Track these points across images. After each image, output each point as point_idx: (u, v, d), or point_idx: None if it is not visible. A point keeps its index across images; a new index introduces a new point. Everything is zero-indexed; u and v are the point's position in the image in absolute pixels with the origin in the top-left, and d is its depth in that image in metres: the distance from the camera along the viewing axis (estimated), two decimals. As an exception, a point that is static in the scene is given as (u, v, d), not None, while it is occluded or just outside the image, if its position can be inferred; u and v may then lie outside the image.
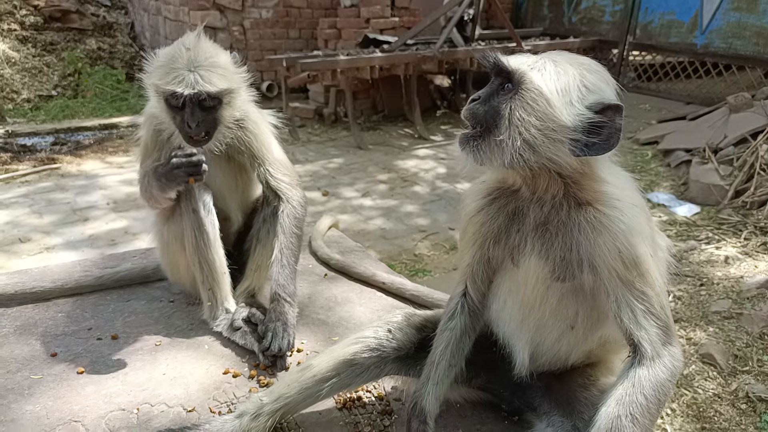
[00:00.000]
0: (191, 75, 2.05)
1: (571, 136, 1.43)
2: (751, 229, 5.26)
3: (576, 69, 1.47)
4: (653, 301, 1.54)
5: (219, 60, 2.14)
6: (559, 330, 1.75)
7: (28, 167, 6.97)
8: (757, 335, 3.80)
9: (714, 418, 3.20)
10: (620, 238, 1.49)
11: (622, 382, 1.56)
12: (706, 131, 7.02)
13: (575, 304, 1.68)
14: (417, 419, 1.77)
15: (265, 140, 2.38)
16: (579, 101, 1.43)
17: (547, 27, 11.84)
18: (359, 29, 9.42)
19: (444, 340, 1.85)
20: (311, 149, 8.01)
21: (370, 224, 5.76)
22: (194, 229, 2.26)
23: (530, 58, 1.53)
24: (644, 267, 1.52)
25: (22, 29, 10.22)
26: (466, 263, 1.82)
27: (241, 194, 2.52)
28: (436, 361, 1.83)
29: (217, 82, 2.09)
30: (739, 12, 8.90)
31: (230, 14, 9.50)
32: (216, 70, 2.10)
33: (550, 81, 1.45)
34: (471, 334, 1.90)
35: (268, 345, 2.15)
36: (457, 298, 1.89)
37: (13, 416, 1.88)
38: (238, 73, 2.24)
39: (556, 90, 1.44)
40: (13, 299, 2.49)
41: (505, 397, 1.99)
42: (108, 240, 5.19)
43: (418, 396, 1.80)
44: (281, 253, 2.35)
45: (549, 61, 1.50)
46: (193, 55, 2.07)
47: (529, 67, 1.49)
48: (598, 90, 1.46)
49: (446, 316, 1.90)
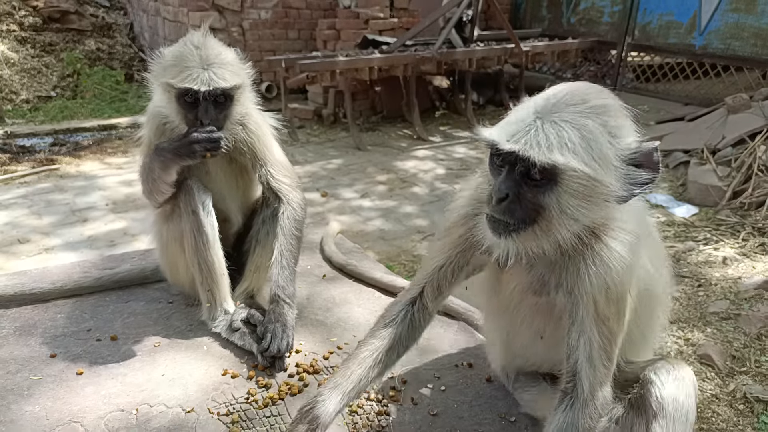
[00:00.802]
0: (205, 72, 2.08)
1: (617, 192, 1.35)
2: (749, 230, 5.27)
3: (594, 119, 1.33)
4: (613, 339, 1.51)
5: (228, 57, 2.19)
6: (529, 337, 1.76)
7: (27, 168, 6.97)
8: (754, 336, 3.81)
9: (712, 419, 3.21)
10: (612, 273, 1.44)
11: (550, 429, 1.56)
12: (705, 132, 7.03)
13: (545, 318, 1.68)
14: (307, 425, 1.59)
15: (267, 141, 2.39)
16: (617, 158, 1.34)
17: (546, 28, 11.85)
18: (358, 30, 9.42)
19: (369, 349, 1.74)
20: (310, 150, 8.02)
21: (369, 225, 5.76)
22: (193, 230, 2.27)
23: (546, 133, 1.31)
24: (624, 305, 1.50)
25: (21, 30, 10.22)
26: (436, 265, 1.74)
27: (241, 195, 2.53)
28: (352, 370, 1.70)
29: (230, 78, 2.14)
30: (738, 13, 8.92)
31: (229, 15, 9.51)
32: (227, 67, 2.15)
33: (585, 155, 1.30)
34: (401, 349, 1.80)
35: (267, 346, 2.16)
36: (401, 305, 1.81)
37: (13, 417, 1.89)
38: (245, 69, 2.28)
39: (594, 162, 1.31)
40: (12, 300, 2.50)
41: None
42: (107, 241, 5.20)
43: (317, 401, 1.63)
44: (281, 255, 2.36)
45: (566, 126, 1.31)
46: (204, 53, 2.11)
47: (560, 152, 1.29)
48: (624, 133, 1.38)
49: (382, 322, 1.80)
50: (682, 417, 1.57)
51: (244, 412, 1.97)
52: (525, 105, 1.40)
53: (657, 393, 1.60)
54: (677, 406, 1.58)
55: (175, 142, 2.15)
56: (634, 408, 1.65)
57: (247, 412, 1.97)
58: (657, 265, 1.68)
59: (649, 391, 1.60)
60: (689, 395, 1.59)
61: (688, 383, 1.61)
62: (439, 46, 8.44)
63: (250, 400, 2.03)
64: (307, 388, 2.10)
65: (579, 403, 1.54)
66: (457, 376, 2.20)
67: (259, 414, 1.97)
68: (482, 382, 2.17)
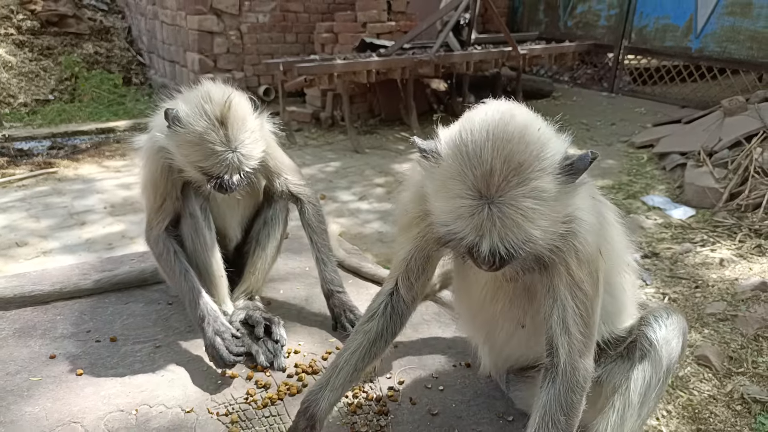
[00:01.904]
0: (233, 156, 2.02)
1: (571, 204, 1.40)
2: (745, 232, 5.29)
3: (533, 175, 1.30)
4: (589, 304, 1.51)
5: (250, 123, 2.09)
6: (510, 329, 1.76)
7: (25, 171, 6.97)
8: (751, 337, 3.82)
9: (709, 420, 3.22)
10: (580, 235, 1.45)
11: (536, 410, 1.56)
12: (701, 134, 7.06)
13: (523, 304, 1.68)
14: (306, 422, 1.73)
15: (276, 153, 2.39)
16: (554, 180, 1.33)
17: (543, 31, 11.90)
18: (356, 33, 9.45)
19: (355, 344, 1.81)
20: (308, 153, 8.03)
21: (367, 227, 5.77)
22: (191, 233, 2.28)
23: (504, 225, 1.30)
24: (595, 265, 1.50)
25: (19, 34, 10.23)
26: (401, 257, 1.76)
27: (242, 212, 2.53)
28: (341, 365, 1.78)
29: (257, 152, 2.09)
30: (733, 16, 8.97)
31: (227, 18, 9.53)
32: (253, 140, 2.07)
33: (542, 218, 1.32)
34: (389, 338, 1.85)
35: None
36: (382, 297, 1.84)
37: (13, 417, 1.89)
38: (265, 121, 2.23)
39: (549, 213, 1.32)
40: (12, 302, 2.50)
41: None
42: (105, 244, 5.20)
43: (312, 400, 1.75)
44: (320, 252, 2.45)
45: (517, 205, 1.29)
46: (229, 133, 2.01)
47: (524, 243, 1.33)
48: (554, 152, 1.35)
49: (365, 317, 1.85)
50: (666, 361, 1.67)
51: (243, 413, 1.98)
52: (456, 166, 1.33)
53: (651, 334, 1.67)
54: (669, 350, 1.67)
55: (206, 323, 2.15)
56: (620, 357, 1.73)
57: (246, 413, 1.98)
58: (613, 226, 1.71)
59: (643, 333, 1.68)
60: (679, 343, 1.70)
61: (680, 330, 1.71)
62: (437, 50, 8.47)
63: (249, 400, 2.03)
64: (306, 389, 2.10)
65: (559, 377, 1.54)
66: (456, 376, 2.21)
67: (258, 414, 1.98)
68: (480, 381, 2.18)
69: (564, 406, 1.53)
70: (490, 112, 1.40)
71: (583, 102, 10.43)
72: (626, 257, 1.81)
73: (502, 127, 1.33)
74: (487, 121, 1.35)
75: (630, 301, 1.85)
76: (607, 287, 1.68)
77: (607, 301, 1.70)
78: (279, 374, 2.18)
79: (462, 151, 1.32)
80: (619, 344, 1.77)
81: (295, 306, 2.65)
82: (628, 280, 1.82)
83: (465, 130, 1.36)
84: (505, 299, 1.69)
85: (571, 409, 1.54)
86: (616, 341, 1.79)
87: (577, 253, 1.46)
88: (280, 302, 2.67)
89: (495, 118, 1.36)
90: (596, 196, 1.62)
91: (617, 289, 1.76)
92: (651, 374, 1.67)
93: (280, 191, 2.43)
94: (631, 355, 1.72)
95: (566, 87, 11.62)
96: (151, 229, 2.28)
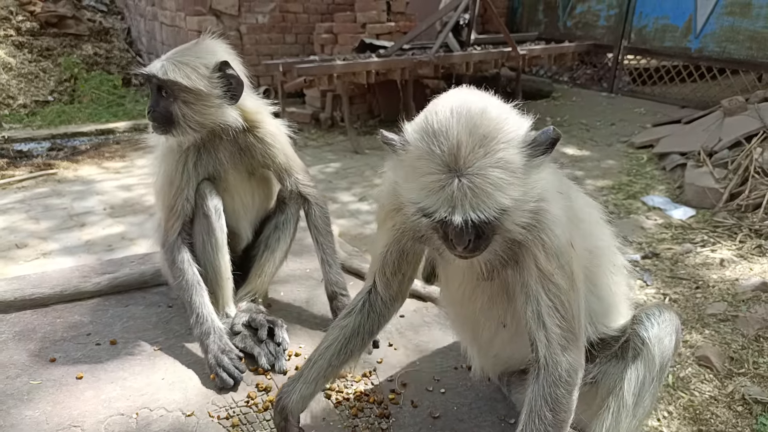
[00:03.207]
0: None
1: (536, 181, 1.42)
2: (746, 232, 5.29)
3: (499, 148, 1.35)
4: (564, 297, 1.49)
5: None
6: (492, 328, 1.75)
7: (24, 173, 6.97)
8: (752, 337, 3.82)
9: (710, 421, 3.22)
10: (545, 228, 1.46)
11: (524, 408, 1.56)
12: (701, 135, 7.06)
13: (502, 303, 1.67)
14: (279, 415, 1.77)
15: (288, 150, 2.40)
16: (523, 157, 1.37)
17: (543, 32, 11.90)
18: (355, 34, 9.45)
19: (330, 339, 1.83)
20: (308, 154, 8.02)
21: (366, 228, 5.77)
22: (203, 233, 2.27)
23: (474, 193, 1.33)
24: (566, 258, 1.49)
25: (19, 35, 10.22)
26: (377, 252, 1.77)
27: (255, 211, 2.53)
28: (314, 359, 1.81)
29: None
30: (733, 16, 8.98)
31: (227, 19, 9.53)
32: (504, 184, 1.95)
33: (509, 187, 1.35)
34: (365, 336, 1.86)
35: None
36: (360, 294, 1.85)
37: (13, 421, 1.88)
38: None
39: (517, 182, 1.36)
40: (12, 305, 2.49)
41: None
42: (105, 245, 5.19)
43: (284, 392, 1.78)
44: (325, 254, 2.46)
45: (486, 174, 1.34)
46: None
47: (493, 208, 1.35)
48: (515, 125, 1.40)
49: (343, 313, 1.87)
50: (659, 359, 1.66)
51: (244, 416, 1.97)
52: (423, 146, 1.38)
53: (643, 333, 1.66)
54: (662, 348, 1.66)
55: (212, 355, 2.11)
56: (615, 357, 1.73)
57: (247, 416, 1.97)
58: (592, 219, 1.72)
59: (635, 332, 1.67)
60: (672, 341, 1.69)
61: (673, 327, 1.70)
62: (437, 50, 8.47)
63: (250, 403, 2.03)
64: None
65: (542, 372, 1.53)
66: (457, 379, 2.20)
67: (259, 417, 1.97)
68: (482, 384, 2.17)
69: (549, 402, 1.51)
70: (452, 96, 1.47)
71: (583, 102, 10.42)
72: (614, 258, 1.79)
73: (466, 106, 1.38)
74: (450, 102, 1.41)
75: (621, 301, 1.84)
76: (592, 288, 1.68)
77: (593, 302, 1.70)
78: (280, 377, 2.17)
79: (428, 132, 1.37)
80: (613, 344, 1.77)
81: (296, 308, 2.64)
82: (617, 281, 1.81)
83: (429, 113, 1.42)
84: (484, 297, 1.68)
85: (556, 404, 1.51)
86: (610, 341, 1.78)
87: (543, 245, 1.46)
88: (281, 304, 2.67)
89: (457, 99, 1.42)
90: (572, 191, 1.63)
91: (603, 290, 1.75)
92: (644, 374, 1.67)
93: (289, 190, 2.44)
94: (624, 354, 1.71)
95: (566, 87, 11.62)
96: (167, 235, 2.28)
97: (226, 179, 2.34)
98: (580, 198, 1.72)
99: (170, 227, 2.28)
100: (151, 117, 2.15)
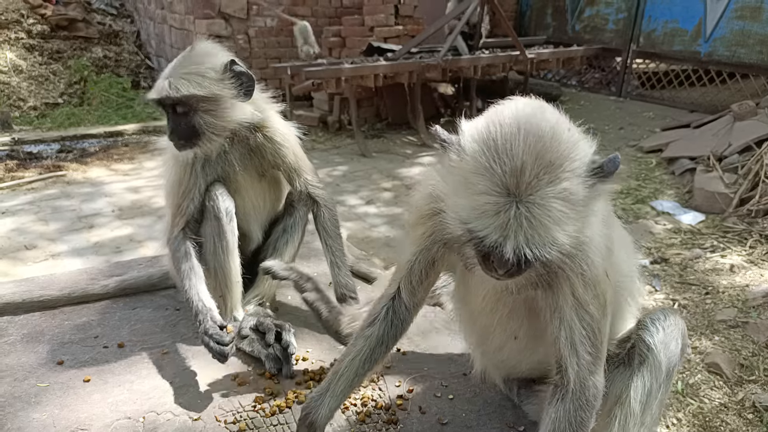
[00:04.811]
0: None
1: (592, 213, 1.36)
2: (756, 238, 5.25)
3: (563, 179, 1.25)
4: (596, 326, 1.49)
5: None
6: (503, 338, 1.75)
7: (34, 174, 7.00)
8: (763, 344, 3.78)
9: (720, 428, 3.19)
10: (586, 256, 1.41)
11: (545, 427, 1.55)
12: (711, 139, 7.02)
13: (521, 317, 1.65)
14: (306, 430, 1.73)
15: (298, 152, 2.41)
16: (582, 183, 1.27)
17: (551, 35, 11.87)
18: (363, 37, 9.46)
19: (356, 350, 1.78)
20: (315, 157, 8.03)
21: (374, 232, 5.76)
22: (214, 235, 2.27)
23: (530, 225, 1.23)
24: (602, 288, 1.47)
25: (29, 38, 10.30)
26: (406, 260, 1.72)
27: (266, 213, 2.54)
28: (341, 371, 1.76)
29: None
30: (743, 20, 8.92)
31: (235, 23, 9.56)
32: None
33: (569, 222, 1.26)
34: (390, 343, 1.83)
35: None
36: (384, 301, 1.80)
37: (20, 424, 1.88)
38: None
39: (574, 218, 1.26)
40: (20, 307, 2.50)
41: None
42: (113, 247, 5.21)
43: (312, 407, 1.73)
44: (334, 256, 2.47)
45: (546, 206, 1.23)
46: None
47: (550, 246, 1.26)
48: (582, 153, 1.30)
49: (367, 322, 1.82)
50: (665, 365, 1.64)
51: (251, 420, 1.96)
52: (482, 160, 1.25)
53: (648, 339, 1.64)
54: (668, 354, 1.64)
55: (203, 320, 2.07)
56: (621, 365, 1.71)
57: (255, 420, 1.96)
58: (622, 248, 1.69)
59: (641, 337, 1.65)
60: (678, 345, 1.67)
61: (678, 331, 1.68)
62: (444, 54, 8.46)
63: (257, 407, 2.02)
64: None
65: (569, 395, 1.52)
66: (465, 385, 2.18)
67: (266, 422, 1.96)
68: (490, 390, 2.16)
69: (573, 424, 1.52)
70: (521, 106, 1.34)
71: (591, 106, 10.38)
72: (633, 286, 1.77)
73: (535, 123, 1.26)
74: (518, 115, 1.29)
75: (630, 317, 1.83)
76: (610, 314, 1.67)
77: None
78: (287, 382, 2.17)
79: (490, 145, 1.24)
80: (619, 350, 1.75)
81: (303, 312, 2.63)
82: (632, 308, 1.80)
83: (493, 123, 1.29)
84: (505, 310, 1.67)
85: (580, 427, 1.53)
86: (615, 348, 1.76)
87: (583, 275, 1.43)
88: (288, 308, 2.67)
89: (526, 113, 1.29)
90: (611, 218, 1.58)
91: (617, 316, 1.74)
92: (651, 381, 1.65)
93: (299, 191, 2.44)
94: (630, 361, 1.69)
95: (574, 91, 11.58)
96: (172, 230, 2.29)
97: (236, 180, 2.34)
98: (616, 226, 1.69)
99: (175, 224, 2.29)
100: (176, 137, 2.15)
